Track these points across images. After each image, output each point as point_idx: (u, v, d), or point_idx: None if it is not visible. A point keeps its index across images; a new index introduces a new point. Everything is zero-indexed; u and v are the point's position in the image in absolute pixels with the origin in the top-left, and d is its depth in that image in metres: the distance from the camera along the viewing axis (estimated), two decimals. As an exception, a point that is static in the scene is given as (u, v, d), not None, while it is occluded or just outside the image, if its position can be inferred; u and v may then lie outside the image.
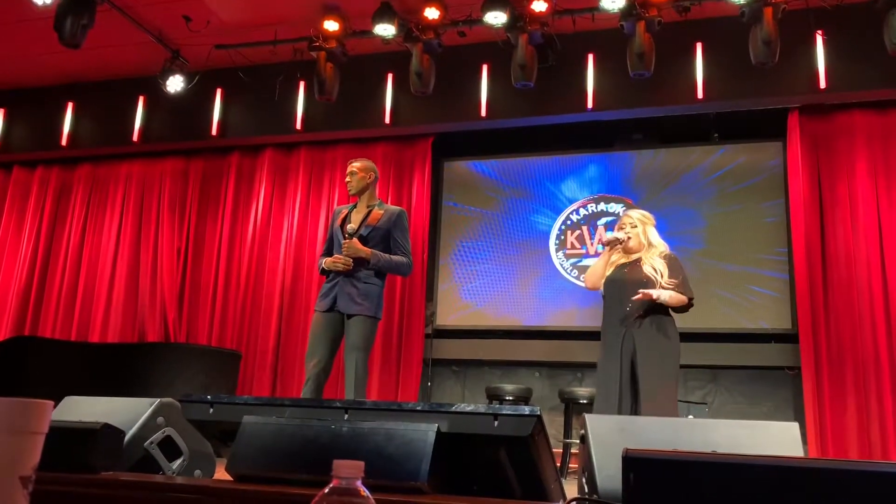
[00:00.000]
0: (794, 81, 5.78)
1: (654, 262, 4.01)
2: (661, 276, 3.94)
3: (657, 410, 3.76)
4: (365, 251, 4.20)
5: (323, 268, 4.34)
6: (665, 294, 3.87)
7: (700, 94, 5.88)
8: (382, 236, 4.29)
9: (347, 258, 4.19)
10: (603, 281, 4.11)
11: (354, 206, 4.47)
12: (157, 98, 7.05)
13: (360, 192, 4.41)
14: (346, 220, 4.36)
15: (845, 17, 5.49)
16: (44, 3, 5.51)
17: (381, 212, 4.36)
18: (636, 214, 4.20)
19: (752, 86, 5.83)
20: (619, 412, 3.84)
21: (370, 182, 4.43)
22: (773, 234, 6.28)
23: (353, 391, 4.14)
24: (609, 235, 4.17)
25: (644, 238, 4.11)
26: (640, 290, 3.86)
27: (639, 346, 3.88)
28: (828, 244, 5.80)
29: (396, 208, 4.45)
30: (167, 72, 6.68)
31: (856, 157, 5.84)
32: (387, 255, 4.25)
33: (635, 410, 3.91)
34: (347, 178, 4.42)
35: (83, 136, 7.53)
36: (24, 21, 6.28)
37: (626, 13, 5.47)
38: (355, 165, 4.44)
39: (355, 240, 4.23)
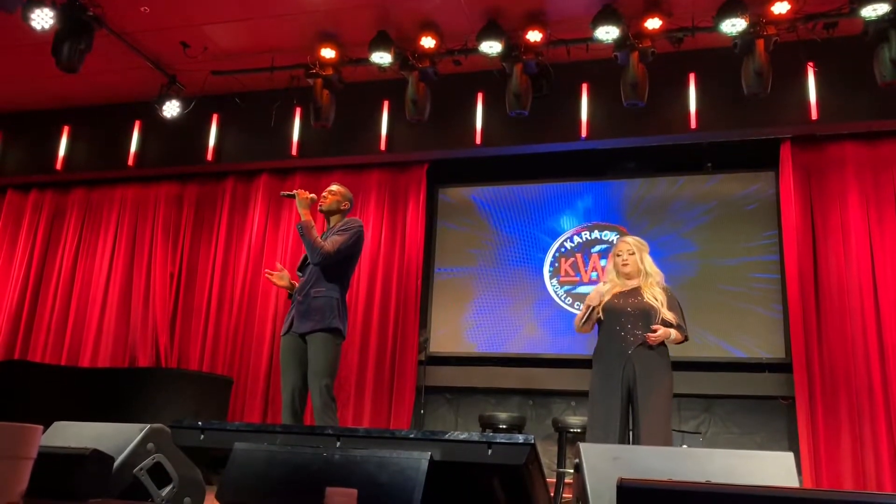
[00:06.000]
0: (786, 112, 5.84)
1: (654, 292, 4.02)
2: (662, 305, 3.96)
3: (658, 437, 3.75)
4: (304, 211, 4.21)
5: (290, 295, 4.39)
6: (673, 333, 3.94)
7: (693, 124, 5.94)
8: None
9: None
10: (600, 308, 4.10)
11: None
12: (153, 123, 7.07)
13: (330, 214, 4.37)
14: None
15: (836, 49, 5.56)
16: (42, 27, 5.54)
17: (340, 222, 4.37)
18: (632, 241, 4.21)
19: (744, 116, 5.89)
20: (620, 440, 3.83)
21: (343, 209, 4.41)
22: (765, 263, 6.29)
23: (321, 421, 4.05)
24: (588, 299, 4.16)
25: (641, 265, 4.11)
26: (654, 328, 3.87)
27: (639, 373, 3.87)
28: (820, 273, 5.82)
29: (352, 218, 4.41)
30: (163, 97, 6.70)
31: (847, 187, 5.89)
32: (315, 233, 4.18)
33: (631, 437, 3.89)
34: (324, 194, 4.38)
35: (78, 160, 7.53)
36: (21, 45, 6.31)
37: (620, 44, 5.53)
38: (334, 187, 4.43)
39: (302, 192, 4.25)
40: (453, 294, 6.95)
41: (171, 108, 6.72)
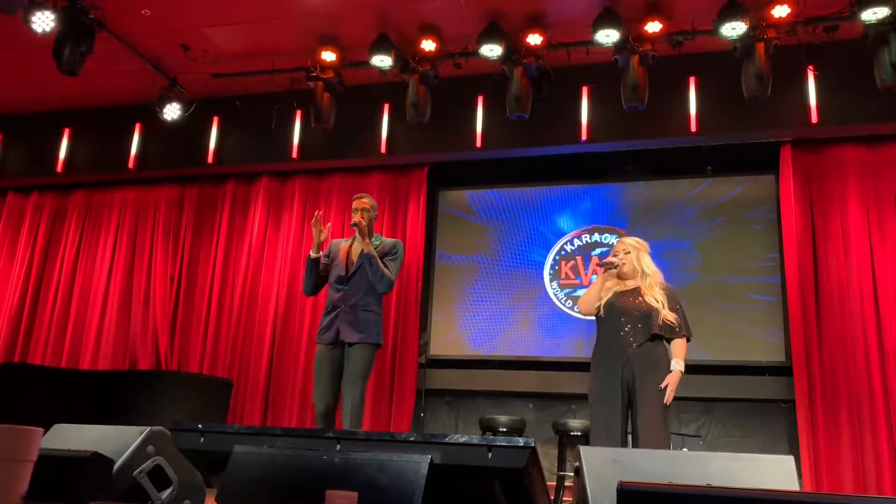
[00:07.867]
0: (786, 115, 5.84)
1: (654, 293, 4.00)
2: (663, 307, 3.94)
3: (656, 439, 3.74)
4: (367, 241, 4.46)
5: (311, 255, 4.58)
6: (681, 366, 3.90)
7: (693, 127, 5.93)
8: None
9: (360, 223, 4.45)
10: (600, 304, 4.09)
11: (354, 239, 4.62)
12: (154, 125, 7.07)
13: (369, 230, 4.55)
14: (349, 253, 4.56)
15: (836, 53, 5.56)
16: (43, 30, 5.54)
17: (379, 243, 4.59)
18: (630, 241, 4.21)
19: (744, 119, 5.89)
20: (621, 440, 3.82)
21: (375, 219, 4.67)
22: (766, 267, 6.29)
23: (350, 422, 4.17)
24: (605, 260, 4.19)
25: (637, 265, 4.09)
26: (662, 385, 3.83)
27: (638, 374, 3.87)
28: (821, 276, 5.82)
29: (393, 240, 4.70)
30: (164, 99, 6.70)
31: (847, 191, 5.89)
32: (381, 264, 4.47)
33: (632, 436, 3.89)
34: (359, 215, 4.52)
35: (78, 162, 7.53)
36: (22, 47, 6.31)
37: (621, 47, 5.54)
38: (365, 201, 4.59)
39: (361, 221, 4.45)
40: (453, 295, 6.95)
41: (172, 111, 6.72)
